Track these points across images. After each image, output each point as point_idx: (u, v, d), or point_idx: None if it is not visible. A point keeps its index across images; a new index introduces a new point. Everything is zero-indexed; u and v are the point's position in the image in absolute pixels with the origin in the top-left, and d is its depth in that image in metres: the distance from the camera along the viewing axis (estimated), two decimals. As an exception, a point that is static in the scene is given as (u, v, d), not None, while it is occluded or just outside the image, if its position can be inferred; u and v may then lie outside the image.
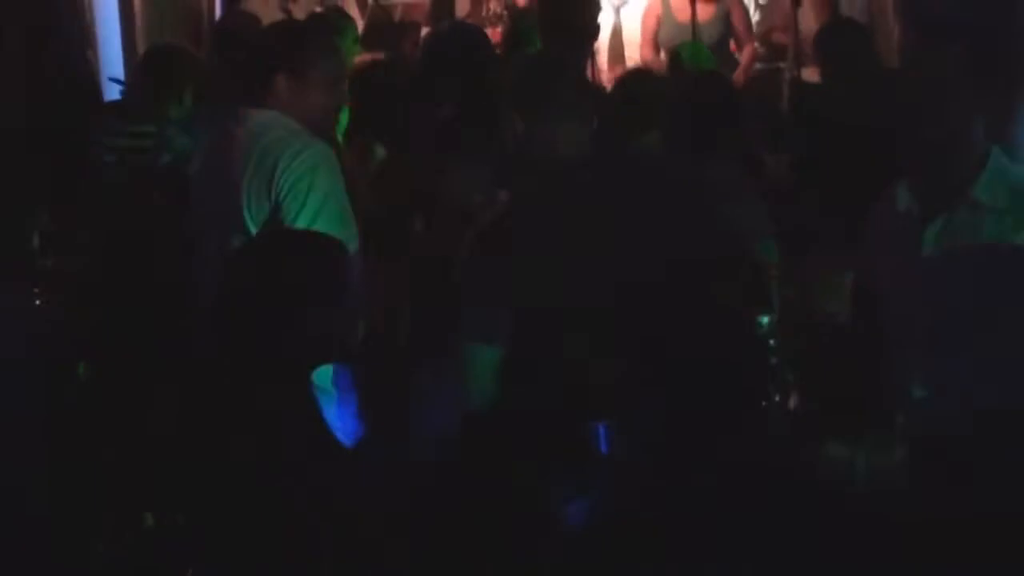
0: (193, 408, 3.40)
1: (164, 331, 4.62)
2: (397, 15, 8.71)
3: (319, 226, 4.06)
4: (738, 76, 7.79)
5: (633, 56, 8.51)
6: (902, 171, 3.84)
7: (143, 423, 4.07)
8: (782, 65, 8.61)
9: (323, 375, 3.99)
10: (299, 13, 8.31)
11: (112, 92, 6.91)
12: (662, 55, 8.29)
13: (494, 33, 8.47)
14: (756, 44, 8.56)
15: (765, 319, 4.28)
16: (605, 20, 8.37)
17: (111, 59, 7.49)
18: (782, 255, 4.75)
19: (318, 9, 8.99)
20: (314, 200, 4.14)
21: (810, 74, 7.67)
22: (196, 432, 3.32)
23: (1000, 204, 3.58)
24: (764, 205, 4.84)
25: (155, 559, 3.72)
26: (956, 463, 3.44)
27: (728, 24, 8.34)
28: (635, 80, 5.97)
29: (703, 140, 4.91)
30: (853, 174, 4.89)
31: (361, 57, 6.87)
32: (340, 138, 5.33)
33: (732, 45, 8.53)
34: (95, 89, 6.86)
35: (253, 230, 4.17)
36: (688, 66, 6.74)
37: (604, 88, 6.71)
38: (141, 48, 7.60)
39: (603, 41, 8.41)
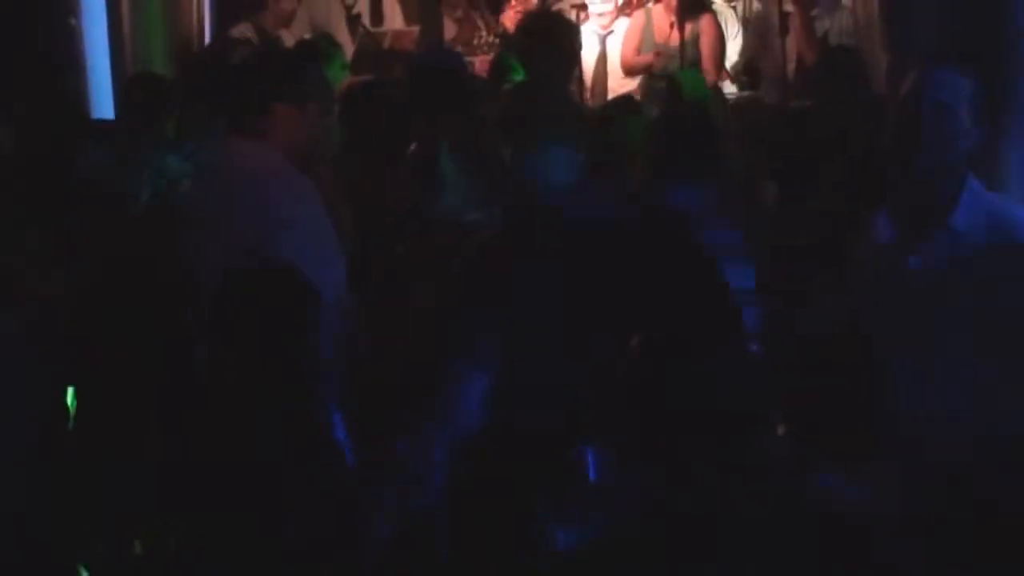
0: (195, 411, 3.43)
1: (164, 335, 4.60)
2: (386, 42, 8.75)
3: (305, 256, 4.02)
4: None
5: (615, 87, 8.56)
6: (881, 199, 3.87)
7: (136, 444, 4.08)
8: (760, 93, 8.66)
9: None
10: (289, 40, 8.36)
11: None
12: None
13: (483, 61, 8.53)
14: (727, 72, 8.63)
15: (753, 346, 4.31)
16: (590, 48, 8.45)
17: (100, 85, 7.50)
18: (772, 278, 4.79)
19: (307, 36, 9.06)
20: (300, 231, 4.15)
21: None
22: (197, 434, 3.35)
23: (978, 231, 3.61)
24: (759, 228, 4.89)
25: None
26: (951, 486, 3.46)
27: (697, 47, 8.41)
28: (617, 110, 6.03)
29: (688, 169, 4.97)
30: (839, 198, 4.92)
31: (350, 80, 6.90)
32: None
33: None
34: (83, 115, 6.83)
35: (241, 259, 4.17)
36: (688, 96, 6.77)
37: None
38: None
39: (588, 69, 8.47)
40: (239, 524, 3.23)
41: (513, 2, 9.12)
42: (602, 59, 8.70)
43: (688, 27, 8.35)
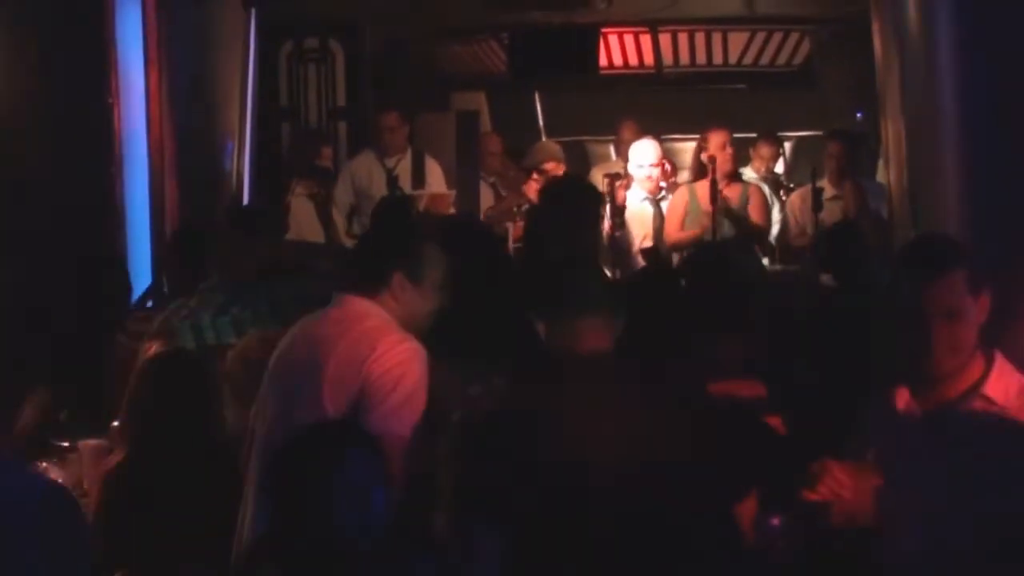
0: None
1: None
2: (422, 205, 8.83)
3: (399, 419, 4.17)
4: None
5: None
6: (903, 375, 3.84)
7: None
8: (793, 268, 8.70)
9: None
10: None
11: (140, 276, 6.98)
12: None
13: (517, 227, 8.60)
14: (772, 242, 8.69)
15: (775, 520, 4.25)
16: (643, 208, 8.65)
17: (139, 240, 7.58)
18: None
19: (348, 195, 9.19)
20: (401, 393, 4.23)
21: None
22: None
23: (1012, 401, 3.58)
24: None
25: None
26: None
27: (746, 212, 8.54)
28: (649, 280, 6.04)
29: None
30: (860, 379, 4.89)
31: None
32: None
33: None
34: (123, 270, 6.85)
35: (330, 410, 4.21)
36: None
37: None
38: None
39: (645, 228, 8.64)
40: None
41: (535, 175, 9.19)
42: (658, 217, 8.78)
43: (736, 195, 8.49)
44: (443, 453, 4.06)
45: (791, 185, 9.88)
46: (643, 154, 8.86)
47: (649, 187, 8.78)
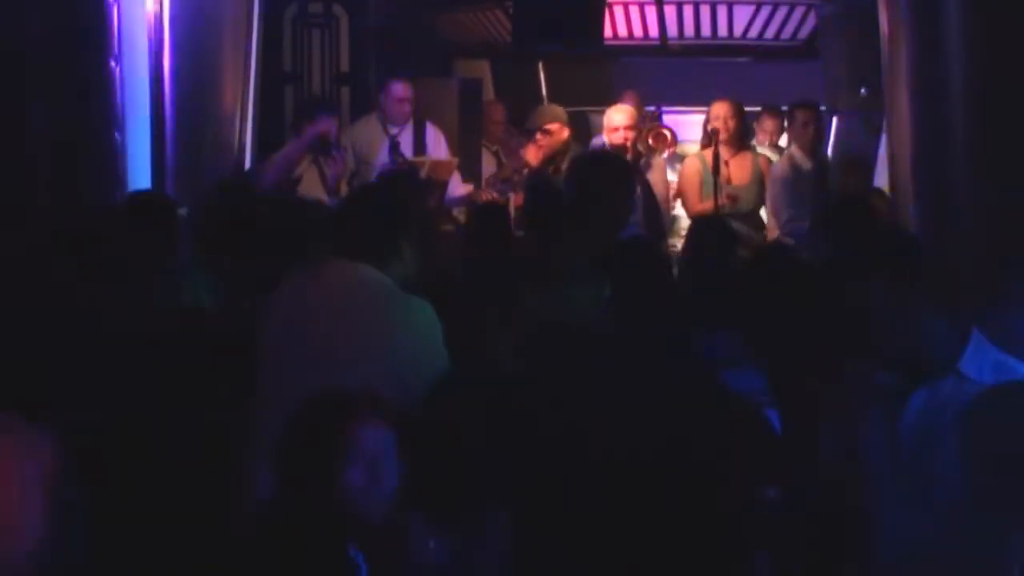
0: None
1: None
2: (424, 171, 8.81)
3: (431, 374, 4.22)
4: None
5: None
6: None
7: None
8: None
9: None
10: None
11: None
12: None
13: (518, 197, 8.58)
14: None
15: (771, 492, 4.27)
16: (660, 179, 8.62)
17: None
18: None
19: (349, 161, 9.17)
20: (440, 356, 4.32)
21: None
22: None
23: (986, 378, 3.60)
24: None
25: None
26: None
27: (763, 191, 8.57)
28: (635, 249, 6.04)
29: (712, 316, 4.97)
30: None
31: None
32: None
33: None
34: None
35: (352, 378, 4.10)
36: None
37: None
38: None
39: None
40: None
41: (538, 136, 9.07)
42: (644, 184, 8.73)
43: (749, 172, 8.50)
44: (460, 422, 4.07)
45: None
46: (611, 119, 8.79)
47: (627, 155, 8.66)
